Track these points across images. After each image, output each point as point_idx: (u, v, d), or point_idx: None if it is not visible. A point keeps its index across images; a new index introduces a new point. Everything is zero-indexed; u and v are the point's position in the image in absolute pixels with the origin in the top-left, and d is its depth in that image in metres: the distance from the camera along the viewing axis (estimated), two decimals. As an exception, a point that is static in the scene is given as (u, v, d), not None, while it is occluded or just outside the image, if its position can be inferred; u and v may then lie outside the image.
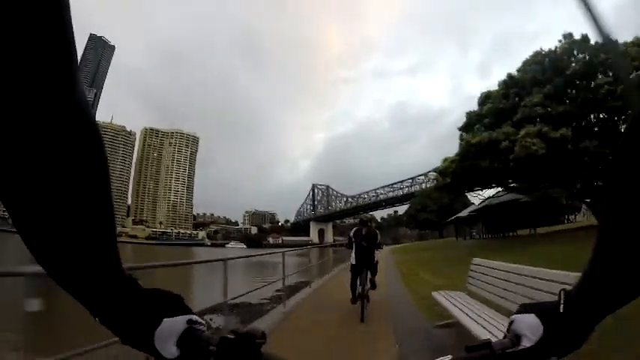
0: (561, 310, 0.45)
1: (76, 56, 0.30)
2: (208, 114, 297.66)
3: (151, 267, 3.20)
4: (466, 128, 20.41)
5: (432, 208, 59.44)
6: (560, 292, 0.46)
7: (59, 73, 0.29)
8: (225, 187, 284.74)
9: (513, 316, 0.48)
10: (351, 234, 5.40)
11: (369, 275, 5.23)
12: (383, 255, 15.76)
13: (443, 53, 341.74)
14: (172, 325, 0.43)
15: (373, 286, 5.40)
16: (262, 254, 8.05)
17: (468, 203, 55.86)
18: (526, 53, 21.10)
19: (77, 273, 0.38)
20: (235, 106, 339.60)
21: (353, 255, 5.25)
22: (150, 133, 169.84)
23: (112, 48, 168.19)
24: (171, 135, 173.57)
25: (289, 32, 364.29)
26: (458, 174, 19.61)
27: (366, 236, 5.24)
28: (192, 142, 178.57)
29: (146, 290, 0.44)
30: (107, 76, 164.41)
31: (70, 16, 0.28)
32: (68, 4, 0.28)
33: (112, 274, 0.40)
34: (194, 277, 14.10)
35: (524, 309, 0.48)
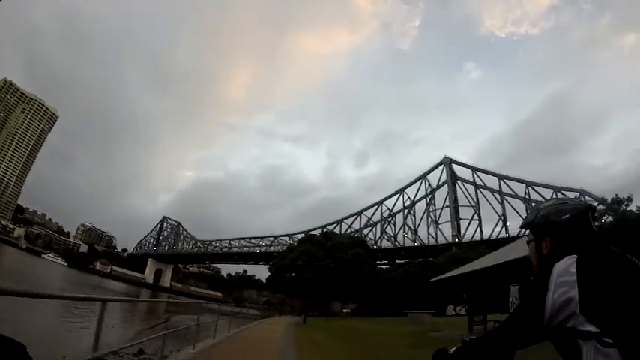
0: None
1: None
2: (81, 103, 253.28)
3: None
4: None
5: (324, 264, 38.48)
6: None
7: None
8: (69, 191, 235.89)
9: None
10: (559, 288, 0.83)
11: None
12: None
13: (329, 133, 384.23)
14: None
15: None
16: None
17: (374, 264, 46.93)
18: (405, 155, 25.20)
19: None
20: (114, 108, 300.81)
21: None
22: (8, 87, 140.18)
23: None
24: (29, 100, 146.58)
25: (193, 59, 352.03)
26: None
27: None
28: (49, 119, 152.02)
29: None
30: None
31: None
32: None
33: None
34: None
35: None
